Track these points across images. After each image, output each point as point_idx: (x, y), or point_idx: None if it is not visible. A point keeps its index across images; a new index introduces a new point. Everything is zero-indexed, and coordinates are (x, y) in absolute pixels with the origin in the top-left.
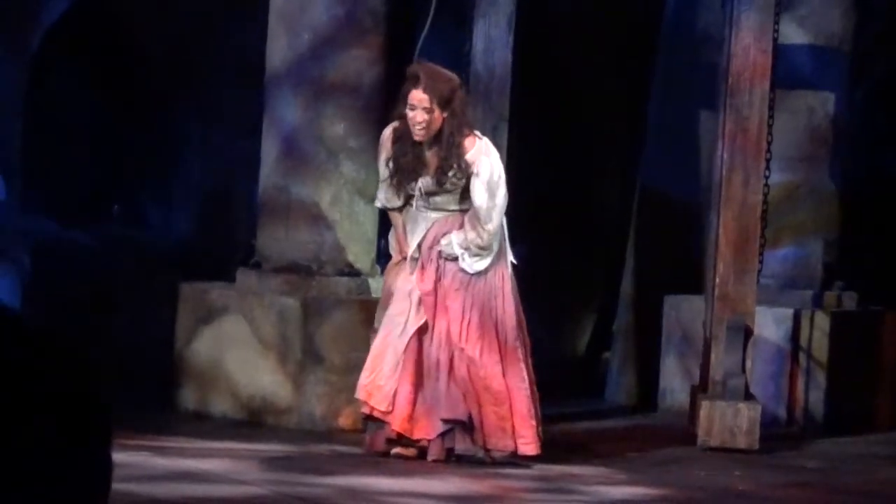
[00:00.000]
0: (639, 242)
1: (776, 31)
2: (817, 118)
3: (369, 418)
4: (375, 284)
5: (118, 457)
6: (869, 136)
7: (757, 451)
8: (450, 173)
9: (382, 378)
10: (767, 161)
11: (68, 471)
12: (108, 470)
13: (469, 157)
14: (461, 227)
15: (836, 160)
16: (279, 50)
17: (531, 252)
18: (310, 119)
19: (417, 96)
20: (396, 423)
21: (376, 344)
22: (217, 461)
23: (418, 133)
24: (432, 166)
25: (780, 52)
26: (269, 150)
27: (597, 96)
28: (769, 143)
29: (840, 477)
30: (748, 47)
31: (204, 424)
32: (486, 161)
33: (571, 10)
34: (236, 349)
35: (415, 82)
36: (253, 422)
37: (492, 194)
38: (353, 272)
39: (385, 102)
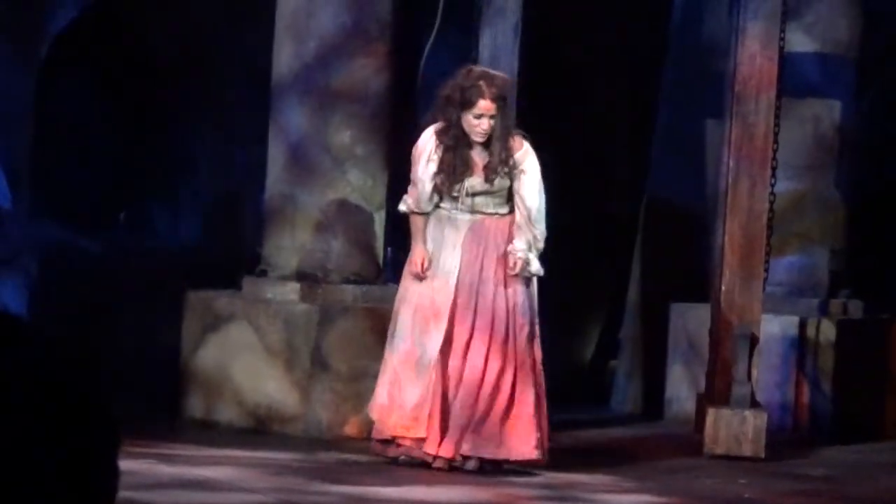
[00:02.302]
0: (645, 250)
1: (782, 38)
2: (824, 126)
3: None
4: (382, 292)
5: (124, 464)
6: (876, 145)
7: (763, 458)
8: (499, 172)
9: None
10: (773, 169)
11: (75, 478)
12: (114, 477)
13: (518, 156)
14: (508, 231)
15: (842, 168)
16: (286, 58)
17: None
18: (316, 127)
19: (486, 106)
20: (432, 447)
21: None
22: (223, 469)
23: (481, 138)
24: (479, 166)
25: (787, 60)
26: (276, 157)
27: (603, 104)
28: (775, 151)
29: (846, 485)
30: (754, 55)
31: (210, 432)
32: (533, 160)
33: (578, 17)
34: (243, 357)
35: (480, 92)
36: (259, 430)
37: (540, 194)
38: (359, 280)
39: (392, 110)
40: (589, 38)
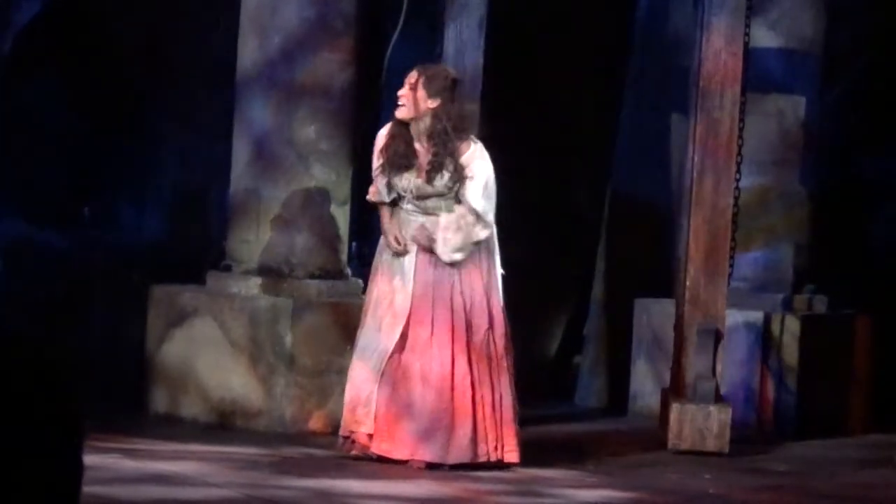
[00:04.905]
0: (610, 245)
1: (747, 34)
2: (788, 122)
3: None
4: (346, 287)
5: (88, 459)
6: (839, 140)
7: (727, 454)
8: (443, 175)
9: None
10: (738, 164)
11: (40, 473)
12: (79, 472)
13: (463, 159)
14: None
15: (806, 163)
16: (250, 52)
17: (502, 255)
18: (281, 122)
19: (408, 74)
20: (375, 446)
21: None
22: (188, 464)
23: (399, 109)
24: (423, 163)
25: (751, 56)
26: (240, 152)
27: (569, 100)
28: (740, 147)
29: (811, 480)
30: (719, 51)
31: (174, 427)
32: (480, 164)
33: (543, 12)
34: (207, 352)
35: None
36: (223, 424)
37: (487, 198)
38: (323, 275)
39: (356, 105)
40: (554, 33)
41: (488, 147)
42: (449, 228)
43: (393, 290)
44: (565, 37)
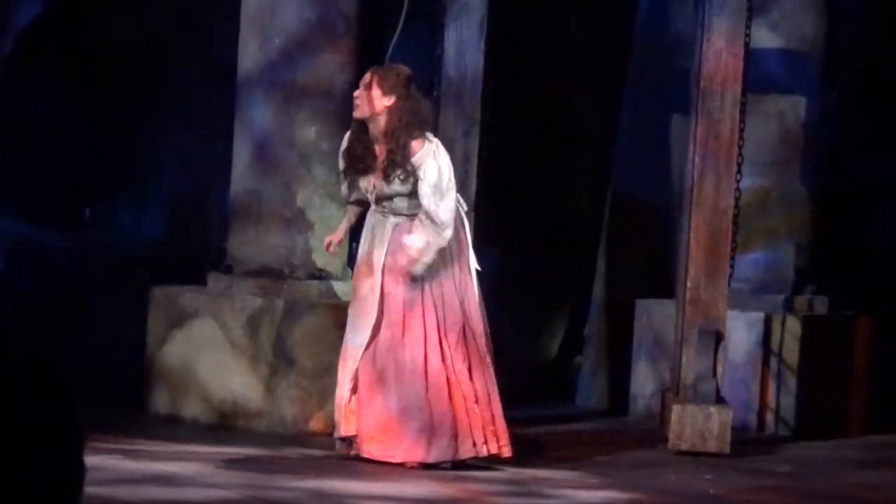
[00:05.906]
0: (610, 246)
1: (748, 35)
2: (789, 122)
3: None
4: (346, 288)
5: (89, 460)
6: (840, 141)
7: (728, 455)
8: (397, 173)
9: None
10: (739, 165)
11: (42, 473)
12: (80, 473)
13: (415, 159)
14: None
15: (807, 164)
16: (251, 53)
17: (503, 256)
18: (281, 123)
19: (364, 75)
20: (363, 448)
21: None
22: (188, 464)
23: (355, 109)
24: (380, 162)
25: (752, 57)
26: (241, 153)
27: (569, 100)
28: (741, 148)
29: (811, 481)
30: (720, 51)
31: (175, 428)
32: (432, 163)
33: (543, 12)
34: (208, 353)
35: None
36: (224, 425)
37: (441, 197)
38: (324, 276)
39: None
40: (554, 33)
41: (489, 147)
42: (423, 252)
43: (367, 289)
44: (565, 37)
